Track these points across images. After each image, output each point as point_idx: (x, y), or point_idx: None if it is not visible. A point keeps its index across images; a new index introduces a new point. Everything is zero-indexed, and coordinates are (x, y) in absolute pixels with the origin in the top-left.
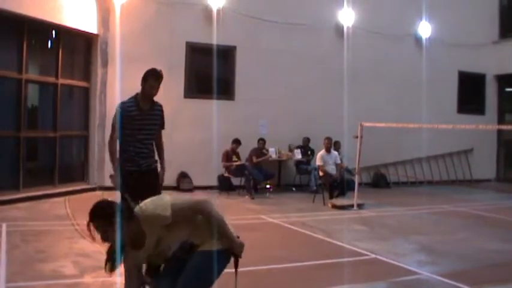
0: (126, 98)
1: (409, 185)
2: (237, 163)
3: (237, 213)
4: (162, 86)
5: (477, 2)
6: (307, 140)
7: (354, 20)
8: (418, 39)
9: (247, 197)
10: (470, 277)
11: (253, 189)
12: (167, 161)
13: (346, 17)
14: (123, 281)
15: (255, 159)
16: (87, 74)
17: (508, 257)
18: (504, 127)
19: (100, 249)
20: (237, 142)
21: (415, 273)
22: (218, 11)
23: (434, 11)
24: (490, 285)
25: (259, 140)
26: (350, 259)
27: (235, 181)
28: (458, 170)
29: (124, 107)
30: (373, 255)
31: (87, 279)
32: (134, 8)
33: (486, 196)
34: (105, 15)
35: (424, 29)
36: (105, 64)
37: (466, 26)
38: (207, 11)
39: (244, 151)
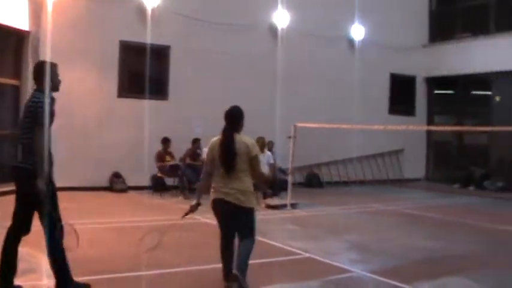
0: (57, 96)
1: (342, 185)
2: (170, 163)
3: (170, 213)
4: (95, 84)
5: (408, 7)
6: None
7: (289, 22)
8: (351, 42)
9: (180, 197)
10: (401, 274)
11: (188, 189)
12: (100, 160)
13: (281, 18)
14: (53, 285)
15: (188, 160)
16: (17, 71)
17: (437, 254)
18: (433, 128)
19: (31, 251)
20: (166, 141)
21: (347, 271)
22: (153, 9)
23: (367, 14)
24: (420, 281)
25: (194, 141)
26: (283, 258)
27: (169, 181)
28: (390, 170)
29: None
30: (307, 254)
31: (18, 282)
32: (67, 5)
33: (416, 195)
34: (36, 11)
35: (357, 31)
36: (36, 61)
37: (397, 30)
38: (141, 10)
39: (178, 151)
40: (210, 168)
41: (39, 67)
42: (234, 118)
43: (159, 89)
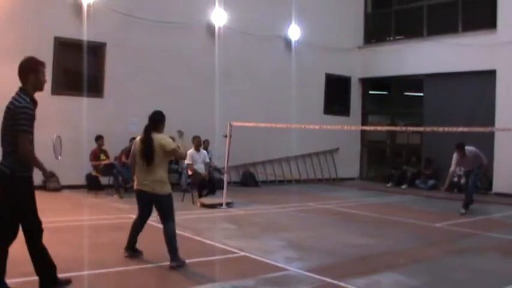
0: None
1: (278, 184)
2: (105, 162)
3: (105, 212)
4: None
5: (344, 9)
6: (172, 139)
7: (226, 20)
8: (287, 42)
9: (115, 196)
10: (336, 271)
11: (123, 188)
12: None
13: (218, 17)
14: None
15: (124, 158)
16: None
17: (371, 251)
18: (367, 128)
19: None
20: (99, 138)
21: (283, 269)
22: (88, 6)
23: (304, 15)
24: (354, 277)
25: (131, 139)
26: (219, 257)
27: (104, 180)
28: (325, 169)
29: (30, 108)
30: (242, 253)
31: None
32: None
33: (350, 194)
34: None
35: (294, 32)
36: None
37: (333, 31)
38: (77, 6)
39: (114, 149)
40: (132, 162)
41: (26, 64)
42: (155, 120)
43: (94, 86)
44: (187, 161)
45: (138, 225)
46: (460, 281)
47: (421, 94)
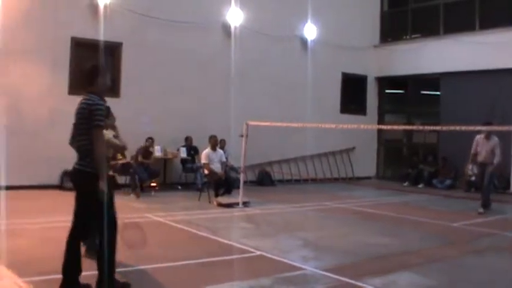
0: (5, 93)
1: (294, 183)
2: (121, 161)
3: (122, 212)
4: (46, 81)
5: (360, 8)
6: (189, 139)
7: (242, 20)
8: (303, 41)
9: (132, 195)
10: (353, 270)
11: (139, 188)
12: (50, 158)
13: (234, 16)
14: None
15: (140, 158)
16: None
17: (388, 250)
18: (384, 127)
19: None
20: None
21: (299, 268)
22: (105, 6)
23: (320, 14)
24: (371, 277)
25: (147, 139)
26: (236, 256)
27: (120, 180)
28: (341, 168)
29: (103, 105)
30: (259, 252)
31: None
32: (18, 1)
33: (367, 193)
34: None
35: (310, 31)
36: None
37: (349, 30)
38: (93, 6)
39: (130, 149)
40: None
41: (94, 69)
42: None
43: (111, 86)
44: (203, 161)
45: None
46: (478, 281)
47: (438, 93)
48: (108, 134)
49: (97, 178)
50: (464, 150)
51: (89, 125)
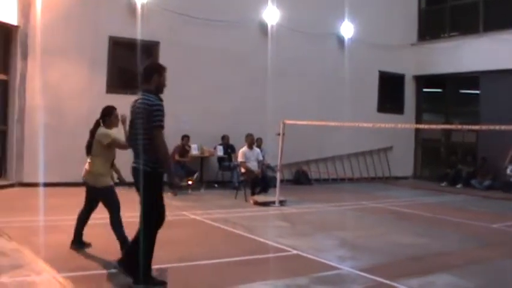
0: (46, 92)
1: (330, 182)
2: None
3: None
4: (84, 80)
5: (397, 6)
6: (226, 138)
7: (278, 18)
8: (340, 39)
9: (169, 193)
10: (389, 271)
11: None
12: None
13: (271, 15)
14: (42, 280)
15: (176, 156)
16: (5, 66)
17: (424, 251)
18: (421, 126)
19: (17, 247)
20: None
21: (335, 268)
22: (142, 5)
23: (357, 12)
24: (408, 278)
25: (183, 137)
26: (272, 255)
27: None
28: (378, 168)
29: (162, 105)
30: (295, 251)
31: (4, 278)
32: (57, 0)
33: (404, 193)
34: (25, 6)
35: (347, 29)
36: (25, 56)
37: (386, 28)
38: (131, 6)
39: (168, 148)
40: None
41: (152, 66)
42: (102, 115)
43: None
44: (240, 159)
45: (82, 217)
46: None
47: (477, 92)
48: (114, 133)
49: (153, 176)
50: (504, 150)
51: (149, 125)
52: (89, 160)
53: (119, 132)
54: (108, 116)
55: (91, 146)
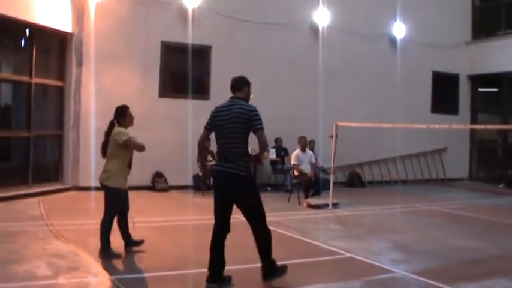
0: (100, 97)
1: (384, 184)
2: (212, 163)
3: (211, 213)
4: (137, 84)
5: (450, 4)
6: (279, 140)
7: (329, 20)
8: (392, 40)
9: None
10: (444, 274)
11: None
12: (142, 160)
13: (321, 16)
14: (98, 282)
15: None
16: (61, 73)
17: (481, 255)
18: (477, 127)
19: (74, 249)
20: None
21: (389, 271)
22: (193, 10)
23: (409, 12)
24: (464, 282)
25: None
26: (325, 258)
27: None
28: (432, 169)
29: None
30: (348, 254)
31: (62, 280)
32: (109, 7)
33: (459, 195)
34: (79, 13)
35: (399, 29)
36: (79, 63)
37: (439, 27)
38: (183, 10)
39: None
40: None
41: (243, 79)
42: (116, 114)
43: (200, 88)
44: (293, 162)
45: (119, 221)
46: None
47: None
48: (129, 133)
49: (248, 178)
50: None
51: (247, 130)
52: (105, 162)
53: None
54: (122, 115)
55: (106, 147)
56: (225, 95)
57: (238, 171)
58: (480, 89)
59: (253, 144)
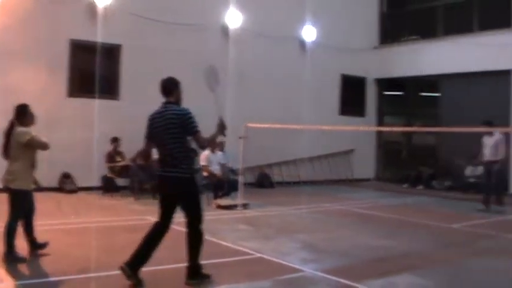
0: (4, 96)
1: (293, 185)
2: (121, 164)
3: (121, 214)
4: (44, 83)
5: (359, 9)
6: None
7: (241, 22)
8: (302, 43)
9: (131, 198)
10: (352, 272)
11: (139, 190)
12: (49, 160)
13: (233, 18)
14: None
15: (139, 160)
16: None
17: (387, 252)
18: (383, 129)
19: None
20: (115, 141)
21: (299, 270)
22: (103, 8)
23: (319, 16)
24: (371, 279)
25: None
26: (235, 258)
27: (120, 182)
28: (340, 170)
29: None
30: (258, 254)
31: None
32: (15, 4)
33: (366, 195)
34: None
35: (308, 32)
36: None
37: (348, 32)
38: (92, 8)
39: (130, 151)
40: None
41: (172, 81)
42: (16, 114)
43: (110, 88)
44: (202, 163)
45: (24, 223)
46: (478, 283)
47: (437, 94)
48: (31, 132)
49: (192, 181)
50: (463, 151)
51: (183, 134)
52: (8, 164)
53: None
54: (23, 114)
55: (7, 148)
56: (136, 95)
57: (182, 174)
58: (386, 92)
59: None
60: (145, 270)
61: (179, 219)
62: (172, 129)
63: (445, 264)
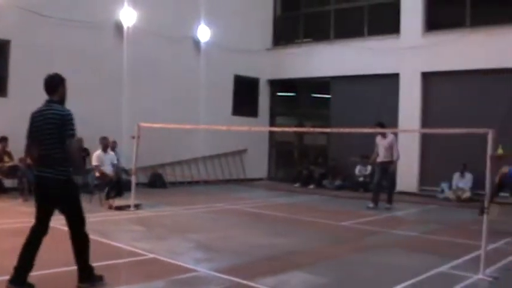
0: None
1: (186, 185)
2: (8, 164)
3: (8, 216)
4: None
5: (253, 11)
6: (80, 141)
7: (135, 20)
8: (196, 43)
9: (20, 199)
10: (245, 271)
11: (28, 191)
12: None
13: (127, 16)
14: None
15: (28, 160)
16: None
17: (280, 250)
18: (275, 129)
19: None
20: (3, 140)
21: (192, 270)
22: None
23: (214, 17)
24: (263, 277)
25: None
26: (127, 260)
27: (8, 183)
28: (233, 170)
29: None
30: (151, 255)
31: None
32: None
33: (258, 194)
34: None
35: (203, 33)
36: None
37: (242, 33)
38: None
39: (19, 151)
40: None
41: (57, 79)
42: None
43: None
44: (94, 163)
45: None
46: (366, 276)
47: (329, 96)
48: None
49: (72, 184)
50: (352, 151)
51: (61, 134)
52: None
53: None
54: None
55: None
56: (25, 92)
57: (57, 175)
58: (279, 93)
59: None
60: (34, 274)
61: (63, 220)
62: (52, 129)
63: (335, 260)
